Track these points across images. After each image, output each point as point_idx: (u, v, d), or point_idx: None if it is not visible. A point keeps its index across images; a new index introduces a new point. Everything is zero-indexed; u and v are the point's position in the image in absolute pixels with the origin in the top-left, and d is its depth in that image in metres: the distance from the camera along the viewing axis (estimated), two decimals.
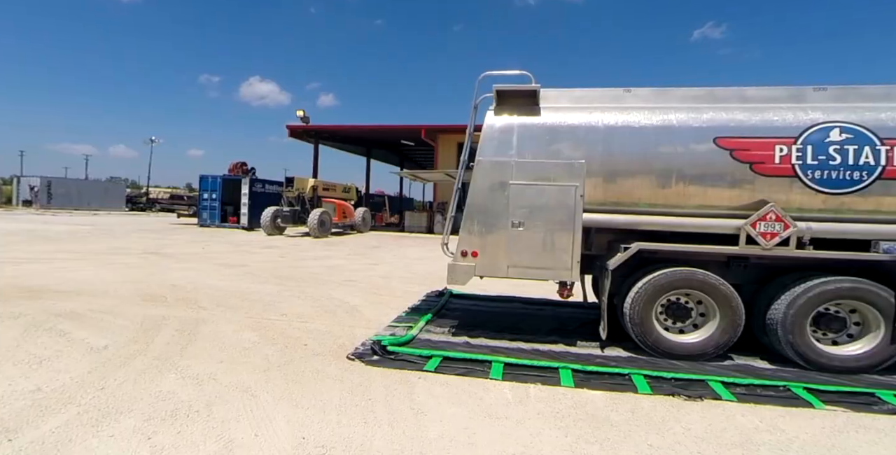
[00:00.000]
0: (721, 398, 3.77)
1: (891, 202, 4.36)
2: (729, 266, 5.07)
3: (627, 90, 5.44)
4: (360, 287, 8.55)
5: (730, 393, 3.87)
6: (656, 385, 4.02)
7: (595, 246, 5.56)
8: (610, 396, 3.78)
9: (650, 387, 3.97)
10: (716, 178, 4.72)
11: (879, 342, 4.44)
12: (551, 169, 5.05)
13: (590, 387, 3.97)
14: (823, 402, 3.71)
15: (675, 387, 4.02)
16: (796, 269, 4.86)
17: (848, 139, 4.42)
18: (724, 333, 4.73)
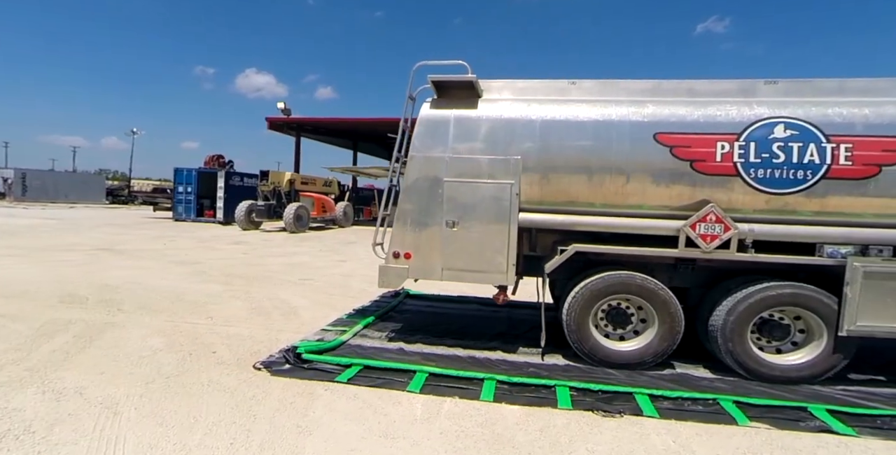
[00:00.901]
0: (642, 414, 3.52)
1: (836, 203, 4.11)
2: (677, 269, 4.85)
3: (573, 82, 5.15)
4: (315, 286, 8.23)
5: (653, 407, 3.62)
6: (579, 399, 3.76)
7: (539, 247, 5.29)
8: (527, 412, 3.51)
9: (572, 401, 3.71)
10: (655, 177, 4.44)
11: (821, 351, 4.22)
12: (486, 165, 4.74)
13: (509, 401, 3.70)
14: (749, 418, 3.47)
15: (600, 400, 3.76)
16: (742, 273, 4.64)
17: (793, 136, 4.16)
18: (663, 341, 4.49)
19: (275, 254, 12.57)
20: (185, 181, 25.15)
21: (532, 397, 3.80)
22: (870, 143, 4.00)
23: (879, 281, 3.93)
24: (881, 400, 3.93)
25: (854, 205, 4.08)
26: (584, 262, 5.14)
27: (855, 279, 3.96)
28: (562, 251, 4.68)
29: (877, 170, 3.97)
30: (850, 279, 3.97)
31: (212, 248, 13.13)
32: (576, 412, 3.53)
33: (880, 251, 4.04)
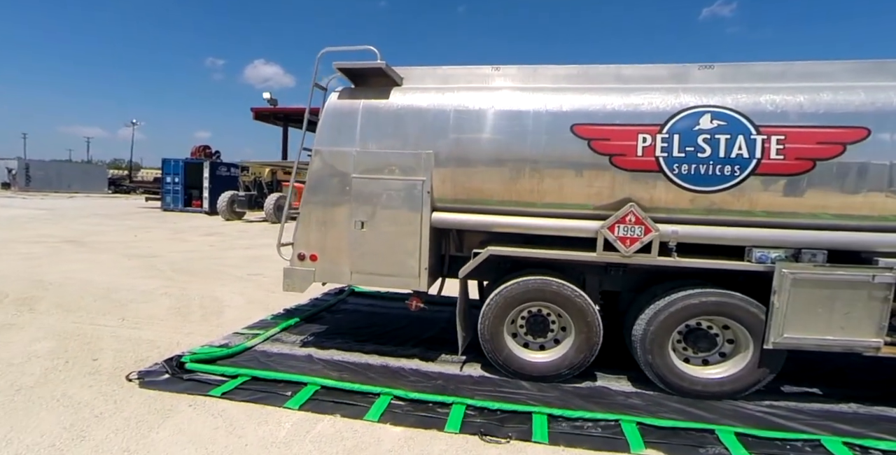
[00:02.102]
0: (530, 439, 3.20)
1: (766, 202, 3.68)
2: (608, 271, 4.48)
3: (496, 68, 4.71)
4: (260, 282, 7.96)
5: (546, 431, 3.29)
6: (471, 420, 3.44)
7: (467, 247, 4.94)
8: (409, 435, 3.21)
9: (463, 422, 3.39)
10: (572, 174, 4.03)
11: (747, 365, 3.85)
12: (396, 160, 4.36)
13: (396, 421, 3.40)
14: (646, 444, 3.13)
15: (494, 421, 3.44)
16: (674, 277, 4.27)
17: (720, 127, 3.72)
18: (580, 352, 4.15)
19: (242, 246, 12.34)
20: (173, 171, 25.01)
21: (424, 416, 3.49)
22: (803, 134, 3.55)
23: (809, 289, 3.54)
24: (805, 417, 3.58)
25: (786, 204, 3.65)
26: (513, 264, 4.81)
27: (783, 287, 3.57)
28: (475, 254, 4.34)
29: (811, 165, 3.54)
30: (777, 287, 3.58)
31: (182, 240, 12.94)
32: (460, 436, 3.22)
33: (814, 255, 3.64)
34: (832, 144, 3.49)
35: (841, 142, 3.48)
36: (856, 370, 4.63)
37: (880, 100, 3.48)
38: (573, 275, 4.64)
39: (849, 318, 3.51)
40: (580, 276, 4.65)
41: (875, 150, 3.44)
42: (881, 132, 3.43)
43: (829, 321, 3.54)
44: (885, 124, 3.43)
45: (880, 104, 3.46)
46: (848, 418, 3.59)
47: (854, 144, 3.46)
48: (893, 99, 3.45)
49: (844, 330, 3.54)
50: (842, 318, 3.52)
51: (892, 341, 3.62)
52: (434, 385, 4.09)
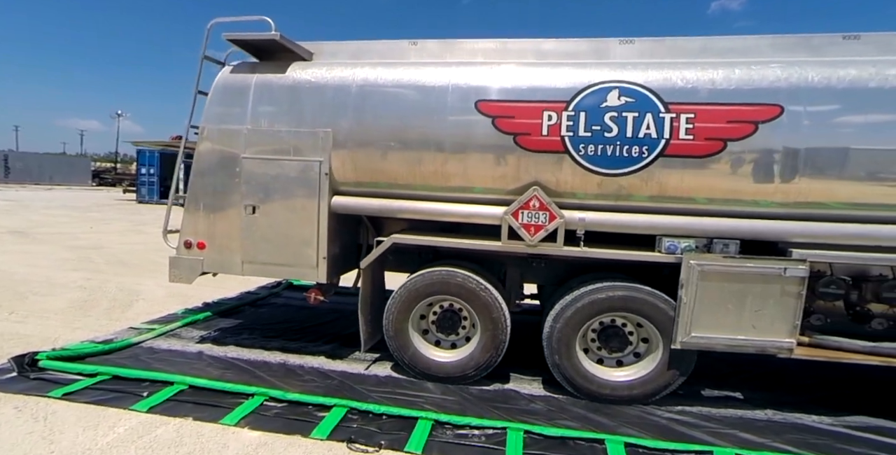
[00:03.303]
0: (403, 448, 2.87)
1: (675, 187, 3.37)
2: (530, 264, 4.16)
3: (414, 43, 4.36)
4: None
5: (423, 440, 2.96)
6: (347, 426, 3.11)
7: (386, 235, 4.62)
8: (263, 441, 2.85)
9: (335, 428, 3.05)
10: (477, 154, 3.69)
11: (655, 367, 3.54)
12: (291, 139, 4.00)
13: (256, 425, 3.05)
14: None
15: (375, 426, 3.11)
16: (594, 271, 3.95)
17: (628, 104, 3.39)
18: (485, 351, 3.81)
19: None
20: (148, 163, 24.51)
21: (294, 420, 3.15)
22: (714, 112, 3.22)
23: (718, 283, 3.22)
24: (712, 425, 3.26)
25: (696, 189, 3.34)
26: (435, 255, 4.49)
27: (690, 280, 3.25)
28: (378, 242, 4.00)
29: (721, 145, 3.22)
30: (684, 280, 3.26)
31: (138, 233, 12.50)
32: (325, 444, 2.88)
33: (725, 246, 3.33)
34: (743, 123, 3.17)
35: (752, 120, 3.16)
36: (792, 372, 4.34)
37: (794, 75, 3.16)
38: (494, 267, 4.32)
39: (760, 315, 3.20)
40: (501, 269, 4.35)
41: (788, 130, 3.12)
42: (794, 109, 3.12)
43: (740, 319, 3.23)
44: (798, 101, 3.12)
45: (794, 80, 3.15)
46: (758, 426, 3.28)
47: (766, 123, 3.14)
48: (809, 74, 3.13)
49: (756, 329, 3.22)
50: (753, 316, 3.21)
51: (811, 342, 3.34)
52: (327, 385, 3.76)
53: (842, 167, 3.09)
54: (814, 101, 3.11)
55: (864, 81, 3.07)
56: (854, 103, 3.07)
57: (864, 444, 3.05)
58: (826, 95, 3.10)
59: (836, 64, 3.18)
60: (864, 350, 3.20)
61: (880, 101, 3.03)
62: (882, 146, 3.06)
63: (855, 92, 3.07)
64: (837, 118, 3.10)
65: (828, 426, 3.28)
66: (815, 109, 3.11)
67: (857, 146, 3.08)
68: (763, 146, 3.16)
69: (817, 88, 3.12)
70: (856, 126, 3.08)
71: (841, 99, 3.09)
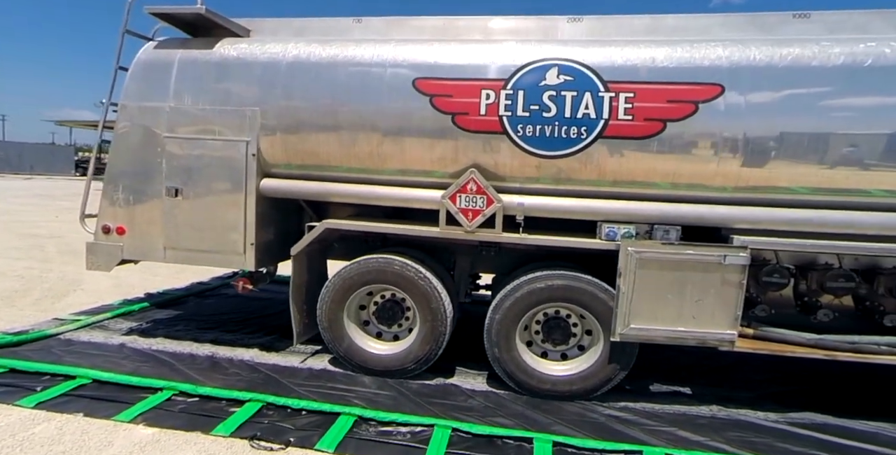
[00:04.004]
0: (313, 446, 2.65)
1: (615, 170, 3.19)
2: (480, 252, 3.96)
3: (358, 20, 4.14)
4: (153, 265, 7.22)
5: (339, 437, 2.75)
6: (258, 421, 2.90)
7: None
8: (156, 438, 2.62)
9: (241, 424, 2.84)
10: (414, 135, 3.47)
11: (597, 360, 3.36)
12: (216, 118, 3.74)
13: (154, 422, 2.83)
14: None
15: (290, 423, 2.90)
16: (544, 259, 3.76)
17: (566, 82, 3.20)
18: (425, 343, 3.61)
19: None
20: None
21: (199, 416, 2.92)
22: (653, 92, 3.04)
23: (657, 271, 3.04)
24: (653, 423, 3.09)
25: (636, 172, 3.16)
26: (383, 242, 4.27)
27: (628, 268, 3.06)
28: (309, 228, 3.78)
29: (661, 126, 3.03)
30: (622, 268, 3.08)
31: None
32: (226, 441, 2.66)
33: (666, 232, 3.15)
34: (683, 103, 2.99)
35: (692, 100, 2.99)
36: (747, 367, 4.17)
37: (736, 54, 2.99)
38: (444, 256, 4.11)
39: (701, 306, 3.02)
40: (451, 258, 4.14)
41: (729, 110, 2.95)
42: (735, 89, 2.95)
43: (680, 310, 3.05)
44: (739, 80, 2.95)
45: (736, 58, 2.98)
46: (699, 423, 3.11)
47: (706, 103, 2.97)
48: (751, 53, 2.96)
49: (697, 320, 3.05)
50: (694, 307, 3.03)
51: (755, 334, 3.18)
52: (251, 379, 3.52)
53: (784, 150, 2.93)
54: (755, 81, 2.95)
55: (806, 60, 2.90)
56: (796, 83, 2.91)
57: (805, 442, 2.90)
58: (768, 75, 2.94)
59: (781, 42, 3.01)
60: (809, 343, 3.05)
61: (822, 80, 2.87)
62: (825, 128, 2.90)
63: (797, 71, 2.91)
64: (779, 98, 2.93)
65: (771, 423, 3.12)
66: (756, 89, 2.95)
67: (798, 128, 2.92)
68: (703, 127, 2.99)
69: (759, 67, 2.95)
70: (797, 106, 2.92)
71: (783, 78, 2.92)
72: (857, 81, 2.83)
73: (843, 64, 2.84)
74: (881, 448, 2.80)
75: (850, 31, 3.12)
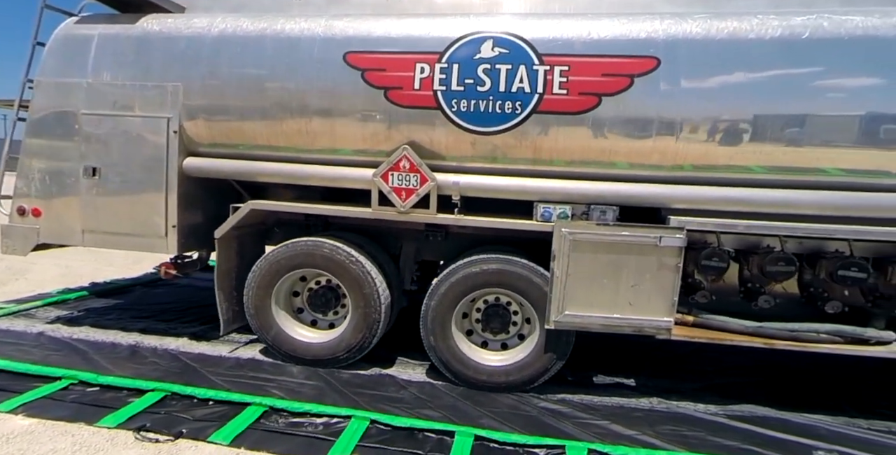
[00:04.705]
0: (205, 438, 2.45)
1: (551, 147, 3.03)
2: (427, 238, 3.73)
3: None
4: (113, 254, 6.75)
5: (239, 429, 2.56)
6: (154, 412, 2.72)
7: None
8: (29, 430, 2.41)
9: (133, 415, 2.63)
10: (345, 110, 3.29)
11: (533, 349, 3.19)
12: (136, 94, 3.53)
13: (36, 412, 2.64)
14: (356, 449, 2.44)
15: (189, 414, 2.70)
16: (491, 244, 3.56)
17: (501, 56, 3.04)
18: (357, 331, 3.41)
19: None
20: None
21: (91, 406, 2.73)
22: (588, 65, 2.89)
23: (592, 254, 2.88)
24: (587, 416, 2.92)
25: (572, 149, 3.01)
26: (325, 226, 4.05)
27: (562, 251, 2.90)
28: (234, 209, 3.56)
29: (596, 101, 2.89)
30: (556, 250, 2.91)
31: None
32: (109, 433, 2.47)
33: (603, 213, 3.01)
34: (618, 77, 2.85)
35: (628, 74, 2.85)
36: (698, 358, 4.01)
37: (674, 26, 2.86)
38: (389, 241, 3.89)
39: (637, 291, 2.87)
40: (397, 243, 3.93)
41: (665, 84, 2.82)
42: (672, 63, 2.81)
43: (616, 295, 2.89)
44: (675, 53, 2.82)
45: (672, 31, 2.85)
46: (635, 416, 2.94)
47: (642, 76, 2.83)
48: (689, 26, 2.83)
49: (633, 306, 2.89)
50: (630, 292, 2.87)
51: (695, 322, 3.03)
52: (167, 368, 3.34)
53: (721, 126, 2.80)
54: (692, 54, 2.82)
55: (743, 33, 2.78)
56: (734, 56, 2.78)
57: (740, 434, 2.75)
58: (705, 48, 2.81)
59: (720, 16, 2.88)
60: (748, 331, 2.91)
61: (760, 53, 2.75)
62: (763, 104, 2.78)
63: (734, 44, 2.79)
64: (717, 72, 2.81)
65: (709, 416, 2.96)
66: (693, 63, 2.82)
67: (737, 104, 2.79)
68: (639, 102, 2.84)
69: (696, 40, 2.82)
70: (735, 81, 2.79)
71: (720, 52, 2.80)
72: (794, 55, 2.71)
73: (781, 37, 2.73)
74: (816, 442, 2.66)
75: (797, 6, 3.01)
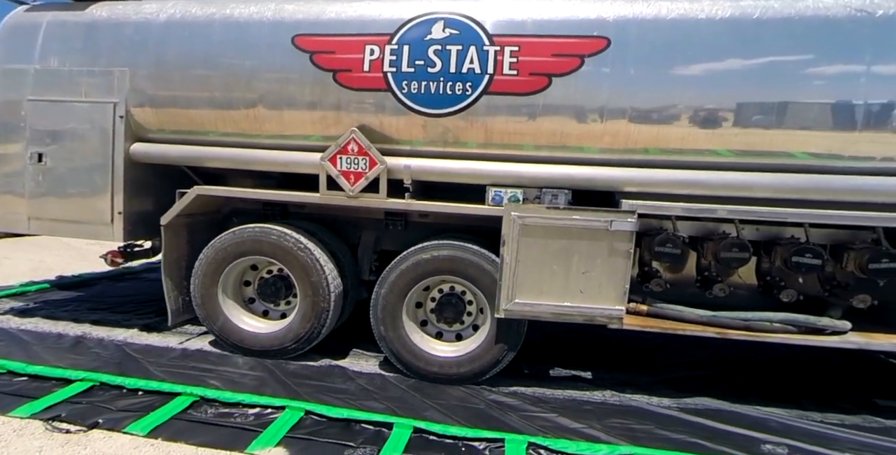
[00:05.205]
0: (121, 429, 2.35)
1: (502, 129, 2.95)
2: (387, 227, 3.61)
3: None
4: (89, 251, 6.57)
5: (158, 421, 2.45)
6: (75, 402, 2.61)
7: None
8: None
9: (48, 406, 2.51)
10: (293, 94, 3.21)
11: (484, 340, 3.08)
12: (83, 79, 3.46)
13: None
14: (284, 440, 2.36)
15: (114, 404, 2.58)
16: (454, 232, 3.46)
17: (452, 36, 2.96)
18: (306, 321, 3.30)
19: None
20: None
21: (9, 395, 2.61)
22: (538, 45, 2.83)
23: (542, 239, 2.78)
24: (538, 409, 2.83)
25: (523, 131, 2.93)
26: (283, 215, 3.93)
27: (511, 236, 2.81)
28: (180, 194, 3.46)
29: (546, 81, 2.82)
30: (506, 235, 2.81)
31: None
32: (18, 423, 2.37)
33: (555, 197, 2.93)
34: (569, 57, 2.79)
35: (578, 54, 2.78)
36: (660, 351, 3.89)
37: (624, 7, 2.80)
38: (349, 230, 3.77)
39: (588, 278, 2.77)
40: (357, 232, 3.80)
41: (615, 65, 2.76)
42: (622, 43, 2.75)
43: (567, 282, 2.79)
44: (625, 33, 2.76)
45: (623, 11, 2.79)
46: (585, 410, 2.84)
47: (592, 57, 2.77)
48: (639, 6, 2.78)
49: (584, 294, 2.79)
50: (581, 279, 2.78)
51: (649, 311, 2.93)
52: (107, 358, 3.23)
53: (672, 108, 2.73)
54: (642, 34, 2.76)
55: (694, 13, 2.72)
56: (684, 37, 2.72)
57: (690, 427, 2.64)
58: (655, 28, 2.76)
59: None
60: (702, 320, 2.81)
61: (710, 34, 2.69)
62: (714, 85, 2.72)
63: (684, 24, 2.73)
64: (667, 53, 2.75)
65: (662, 409, 2.86)
66: (643, 43, 2.76)
67: (687, 85, 2.73)
68: (589, 83, 2.78)
69: (646, 20, 2.76)
70: (686, 62, 2.73)
71: (671, 32, 2.74)
72: (744, 35, 2.65)
73: (731, 17, 2.67)
74: (764, 435, 2.56)
75: None
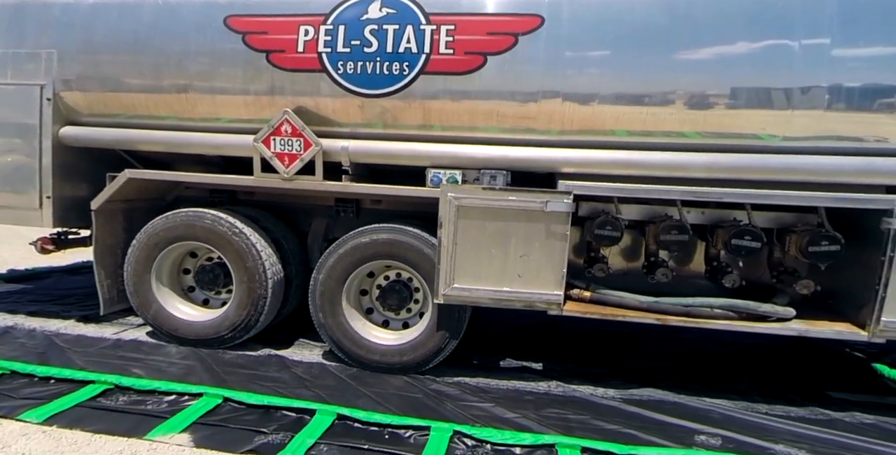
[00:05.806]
0: (10, 416, 2.24)
1: (440, 109, 2.88)
2: (338, 214, 3.46)
3: None
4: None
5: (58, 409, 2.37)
6: None
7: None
8: None
9: None
10: (225, 75, 3.11)
11: (426, 327, 2.98)
12: (8, 61, 3.32)
13: None
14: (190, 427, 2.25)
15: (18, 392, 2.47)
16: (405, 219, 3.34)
17: (389, 16, 2.88)
18: (241, 308, 3.18)
19: None
20: None
21: None
22: (474, 23, 2.77)
23: (479, 221, 2.70)
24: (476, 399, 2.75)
25: (459, 111, 2.87)
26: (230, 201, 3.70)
27: (448, 218, 2.71)
28: (111, 178, 3.31)
29: (481, 60, 2.75)
30: (442, 217, 2.72)
31: None
32: None
33: (494, 177, 2.85)
34: (503, 35, 2.73)
35: (512, 32, 2.72)
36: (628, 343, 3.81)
37: None
38: (300, 217, 3.66)
39: (526, 262, 2.69)
40: (307, 220, 3.66)
41: (549, 43, 2.70)
42: (556, 21, 2.70)
43: (505, 266, 2.71)
44: (560, 12, 2.70)
45: None
46: (525, 400, 2.76)
47: (526, 35, 2.71)
48: None
49: (522, 279, 2.71)
50: (519, 263, 2.70)
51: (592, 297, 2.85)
52: (29, 348, 3.14)
53: (608, 88, 2.68)
54: (576, 12, 2.71)
55: None
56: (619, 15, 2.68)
57: (627, 418, 2.58)
58: (587, 5, 2.72)
59: None
60: (641, 306, 2.75)
61: (646, 12, 2.65)
62: (650, 65, 2.67)
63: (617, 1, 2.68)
64: (602, 32, 2.70)
65: (604, 400, 2.78)
66: (577, 21, 2.71)
67: (623, 64, 2.69)
68: (523, 62, 2.72)
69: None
70: (622, 41, 2.68)
71: (605, 10, 2.70)
72: (679, 13, 2.62)
73: None
74: (701, 425, 2.49)
75: None
